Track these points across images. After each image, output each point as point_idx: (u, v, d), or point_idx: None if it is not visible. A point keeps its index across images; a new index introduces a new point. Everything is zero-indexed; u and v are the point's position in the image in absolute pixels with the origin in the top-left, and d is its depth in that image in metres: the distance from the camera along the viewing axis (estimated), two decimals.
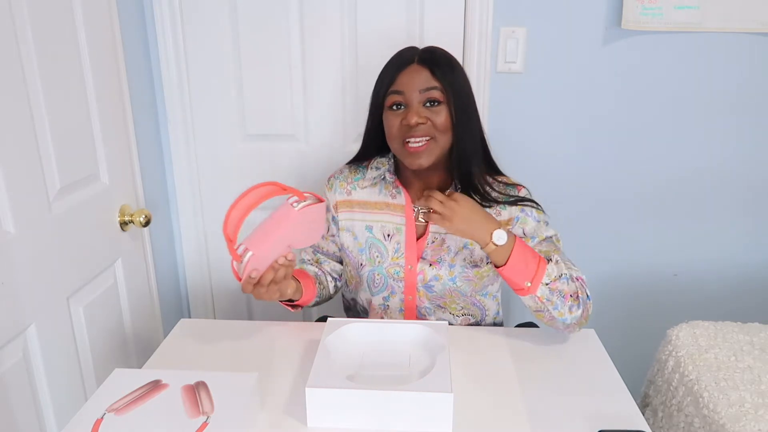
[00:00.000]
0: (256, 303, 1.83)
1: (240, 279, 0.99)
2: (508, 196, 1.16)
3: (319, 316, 1.67)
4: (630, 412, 0.91)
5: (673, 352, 1.28)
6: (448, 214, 1.04)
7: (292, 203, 0.98)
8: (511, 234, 1.04)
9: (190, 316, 1.83)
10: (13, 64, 1.01)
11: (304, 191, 1.01)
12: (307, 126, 1.65)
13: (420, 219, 1.19)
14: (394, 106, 1.11)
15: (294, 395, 0.94)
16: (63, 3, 1.15)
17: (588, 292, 1.08)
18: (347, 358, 0.97)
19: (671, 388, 1.25)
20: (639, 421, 0.89)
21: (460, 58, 1.53)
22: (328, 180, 1.28)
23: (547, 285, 1.03)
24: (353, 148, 1.29)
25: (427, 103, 1.09)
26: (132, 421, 0.79)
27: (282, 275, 1.02)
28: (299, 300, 1.17)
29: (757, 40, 1.52)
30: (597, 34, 1.53)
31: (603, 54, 1.54)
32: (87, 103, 1.23)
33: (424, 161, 1.10)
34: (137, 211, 1.39)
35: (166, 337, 1.14)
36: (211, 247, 1.76)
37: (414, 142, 1.09)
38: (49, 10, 1.10)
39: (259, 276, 0.99)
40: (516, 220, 1.15)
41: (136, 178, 1.46)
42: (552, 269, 1.04)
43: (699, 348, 1.25)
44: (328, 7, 1.53)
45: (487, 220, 1.05)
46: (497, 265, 1.05)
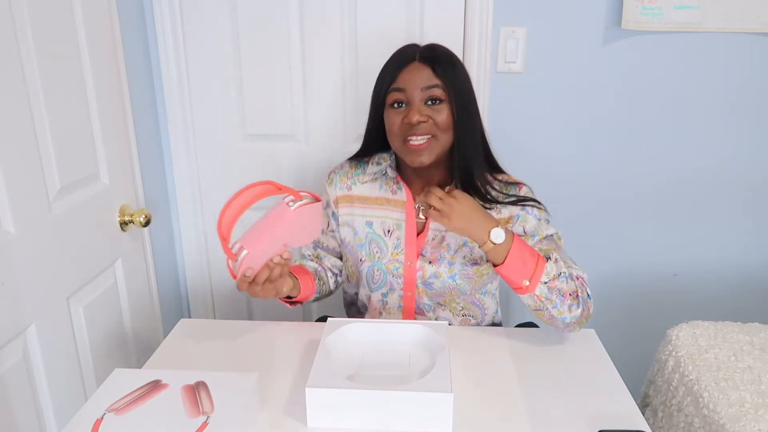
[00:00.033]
0: (256, 303, 1.83)
1: (235, 277, 1.00)
2: (509, 195, 1.15)
3: (319, 316, 1.67)
4: (630, 412, 0.91)
5: (673, 352, 1.28)
6: (446, 211, 1.04)
7: (288, 202, 0.98)
8: (509, 232, 1.04)
9: (190, 316, 1.83)
10: (13, 64, 1.01)
11: (300, 190, 1.00)
12: (307, 126, 1.65)
13: (420, 216, 1.19)
14: (395, 104, 1.11)
15: (294, 395, 0.94)
16: (63, 3, 1.15)
17: (588, 291, 1.07)
18: (347, 358, 0.97)
19: (671, 388, 1.25)
20: (639, 421, 0.89)
21: (460, 58, 1.53)
22: (328, 175, 1.27)
23: (545, 284, 1.03)
24: (353, 148, 1.29)
25: (429, 102, 1.09)
26: (132, 421, 0.79)
27: (277, 274, 1.02)
28: (297, 297, 1.17)
29: (757, 40, 1.52)
30: (597, 34, 1.53)
31: (603, 54, 1.54)
32: (87, 103, 1.23)
33: (425, 159, 1.10)
34: (137, 211, 1.39)
35: (166, 337, 1.14)
36: (211, 247, 1.76)
37: (415, 140, 1.09)
38: (49, 10, 1.10)
39: (254, 274, 0.99)
40: (516, 218, 1.15)
41: (136, 178, 1.46)
42: (551, 268, 1.03)
43: (699, 348, 1.25)
44: (328, 7, 1.53)
45: (486, 218, 1.05)
46: (495, 264, 1.05)
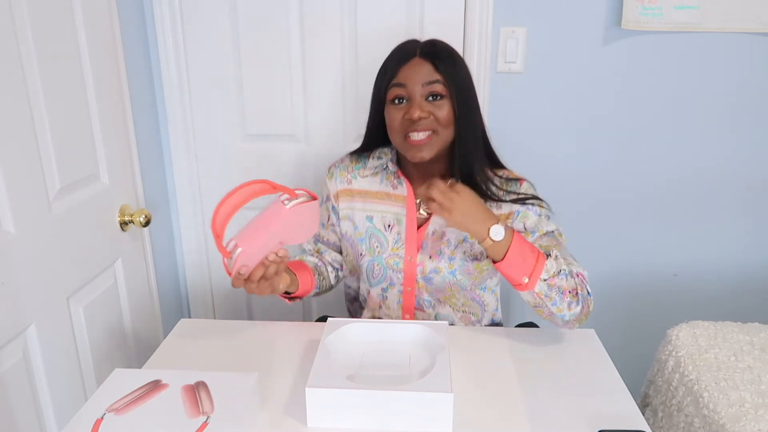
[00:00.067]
0: (256, 303, 1.83)
1: (231, 274, 1.00)
2: (509, 192, 1.15)
3: (319, 315, 1.67)
4: (630, 412, 0.91)
5: (673, 352, 1.28)
6: (447, 205, 1.02)
7: (283, 201, 0.98)
8: (509, 229, 1.03)
9: (190, 316, 1.83)
10: (13, 64, 1.01)
11: (296, 188, 1.00)
12: (307, 126, 1.65)
13: (421, 211, 1.18)
14: (396, 100, 1.10)
15: (294, 395, 0.94)
16: (63, 3, 1.15)
17: (589, 288, 1.07)
18: (347, 358, 0.97)
19: (671, 388, 1.25)
20: (639, 421, 0.89)
21: None
22: (328, 169, 1.27)
23: (545, 281, 1.02)
24: (353, 147, 1.29)
25: (430, 97, 1.09)
26: (132, 421, 0.79)
27: (273, 271, 1.01)
28: (296, 292, 1.17)
29: (757, 40, 1.52)
30: (597, 34, 1.53)
31: (603, 54, 1.54)
32: (87, 103, 1.23)
33: (426, 154, 1.10)
34: (137, 211, 1.39)
35: (166, 337, 1.14)
36: (211, 247, 1.76)
37: (416, 136, 1.08)
38: (49, 10, 1.10)
39: (249, 272, 0.99)
40: (516, 214, 1.14)
41: (136, 178, 1.46)
42: (551, 265, 1.03)
43: (699, 348, 1.25)
44: (328, 7, 1.53)
45: (486, 215, 1.04)
46: (494, 260, 1.05)
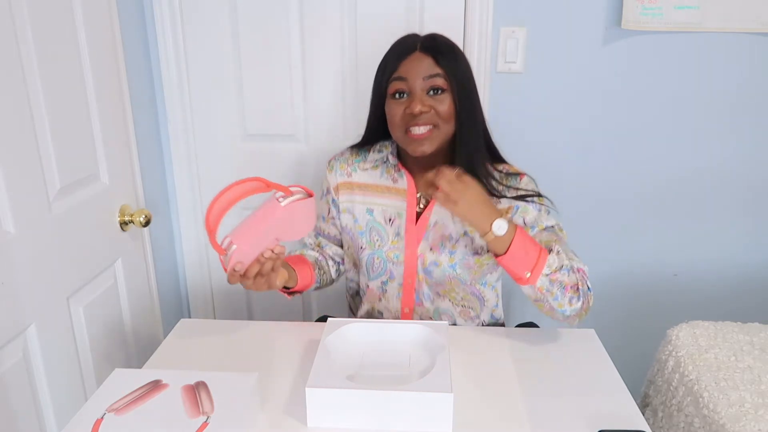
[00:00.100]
0: (256, 303, 1.83)
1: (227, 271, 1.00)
2: (508, 187, 1.15)
3: (319, 315, 1.66)
4: (630, 412, 0.91)
5: (673, 352, 1.28)
6: (453, 196, 1.01)
7: (278, 198, 0.98)
8: (512, 224, 1.03)
9: (190, 316, 1.83)
10: (13, 64, 1.01)
11: (292, 185, 1.00)
12: (307, 126, 1.65)
13: (421, 206, 1.18)
14: (396, 94, 1.10)
15: (294, 395, 0.94)
16: (63, 3, 1.15)
17: (589, 284, 1.07)
18: (347, 358, 0.97)
19: (671, 388, 1.25)
20: (639, 421, 0.89)
21: None
22: (329, 162, 1.27)
23: (547, 276, 1.03)
24: None
25: (431, 91, 1.09)
26: (132, 421, 0.79)
27: (269, 268, 1.01)
28: (295, 287, 1.17)
29: (757, 40, 1.52)
30: (597, 34, 1.53)
31: (603, 54, 1.54)
32: (87, 103, 1.23)
33: (427, 148, 1.09)
34: (137, 211, 1.39)
35: (166, 337, 1.14)
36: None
37: (417, 130, 1.08)
38: (49, 10, 1.10)
39: (245, 268, 1.00)
40: (516, 209, 1.14)
41: (136, 178, 1.46)
42: (553, 260, 1.03)
43: (699, 348, 1.25)
44: (328, 8, 1.53)
45: (490, 209, 1.04)
46: (497, 254, 1.04)
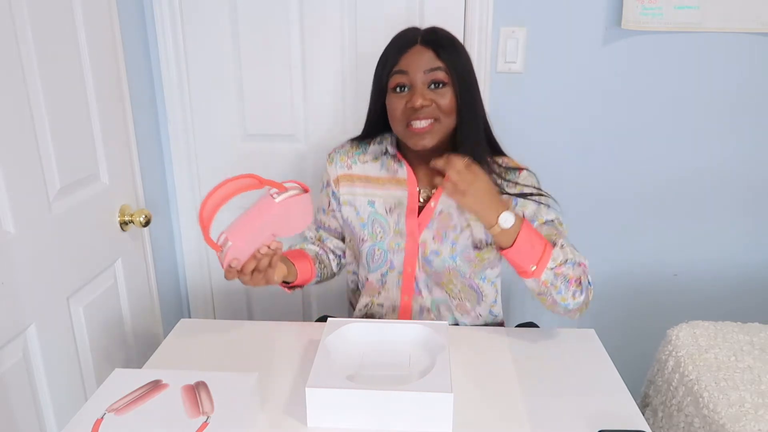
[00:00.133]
0: (256, 303, 1.83)
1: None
2: (507, 182, 1.14)
3: (319, 315, 1.66)
4: (630, 412, 0.91)
5: (673, 352, 1.28)
6: (462, 187, 1.00)
7: (272, 194, 0.98)
8: (518, 217, 1.03)
9: (190, 316, 1.83)
10: (13, 64, 1.01)
11: (286, 181, 1.00)
12: (307, 126, 1.64)
13: (421, 199, 1.18)
14: (397, 88, 1.10)
15: (294, 395, 0.94)
16: (63, 3, 1.15)
17: (590, 278, 1.08)
18: (347, 358, 0.97)
19: (671, 388, 1.25)
20: (639, 421, 0.89)
21: None
22: (329, 154, 1.27)
23: (552, 269, 1.03)
24: None
25: (432, 85, 1.08)
26: (132, 421, 0.79)
27: (265, 264, 1.01)
28: (295, 282, 1.17)
29: (757, 40, 1.52)
30: (597, 34, 1.53)
31: (603, 54, 1.54)
32: (87, 103, 1.23)
33: (428, 142, 1.09)
34: (137, 211, 1.39)
35: (166, 337, 1.14)
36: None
37: (418, 124, 1.08)
38: (49, 10, 1.10)
39: (241, 265, 0.99)
40: (515, 203, 1.14)
41: (136, 178, 1.46)
42: (557, 254, 1.04)
43: (699, 348, 1.25)
44: (328, 8, 1.53)
45: (497, 201, 1.03)
46: (502, 248, 1.04)
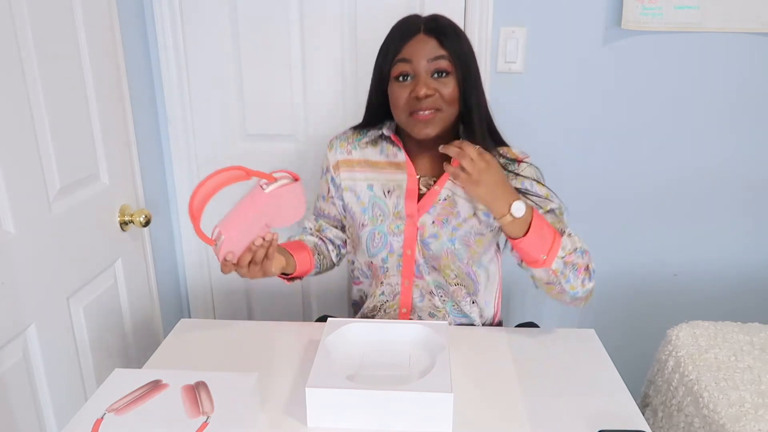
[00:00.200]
0: (256, 303, 1.83)
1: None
2: (508, 173, 1.14)
3: (319, 315, 1.66)
4: (630, 412, 0.91)
5: (673, 352, 1.28)
6: (475, 176, 0.99)
7: (262, 185, 0.98)
8: (529, 206, 1.02)
9: (190, 316, 1.83)
10: (13, 64, 1.01)
11: (276, 171, 0.99)
12: (307, 126, 1.64)
13: (422, 187, 1.17)
14: (401, 77, 1.09)
15: (294, 395, 0.94)
16: (63, 3, 1.15)
17: (594, 265, 1.08)
18: (347, 358, 0.97)
19: (671, 388, 1.25)
20: (639, 421, 0.89)
21: None
22: (330, 141, 1.26)
23: (562, 258, 1.03)
24: None
25: (435, 74, 1.08)
26: (132, 421, 0.79)
27: (261, 255, 1.01)
28: (294, 273, 1.17)
29: (757, 40, 1.52)
30: (597, 34, 1.53)
31: (603, 54, 1.54)
32: (87, 103, 1.23)
33: (431, 131, 1.09)
34: (137, 211, 1.39)
35: (166, 337, 1.14)
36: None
37: (421, 113, 1.07)
38: (49, 10, 1.10)
39: (236, 258, 0.99)
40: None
41: (136, 178, 1.46)
42: (566, 242, 1.04)
43: (699, 348, 1.25)
44: (328, 8, 1.53)
45: (509, 190, 1.02)
46: (513, 237, 1.03)
